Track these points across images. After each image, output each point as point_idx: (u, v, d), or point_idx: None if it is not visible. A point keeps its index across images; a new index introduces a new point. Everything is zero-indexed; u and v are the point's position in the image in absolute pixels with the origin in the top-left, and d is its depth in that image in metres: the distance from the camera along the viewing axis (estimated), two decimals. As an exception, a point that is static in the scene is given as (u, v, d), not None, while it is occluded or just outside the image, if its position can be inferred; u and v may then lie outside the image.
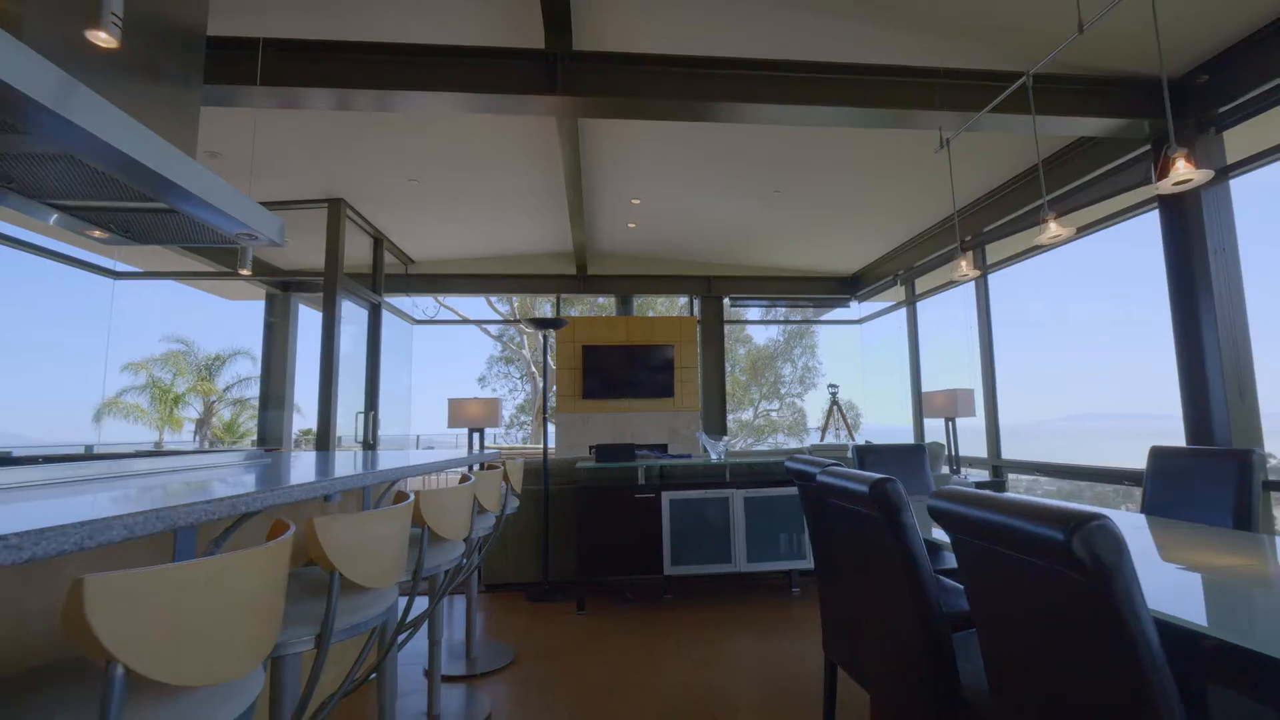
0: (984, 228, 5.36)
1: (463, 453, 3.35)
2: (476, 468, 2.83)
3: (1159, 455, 2.32)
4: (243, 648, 0.80)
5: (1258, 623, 1.08)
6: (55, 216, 1.98)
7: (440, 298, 11.18)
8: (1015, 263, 5.37)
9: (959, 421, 5.12)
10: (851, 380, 17.42)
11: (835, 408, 7.52)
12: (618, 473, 3.86)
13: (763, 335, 18.86)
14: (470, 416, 4.56)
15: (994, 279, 5.57)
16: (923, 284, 6.71)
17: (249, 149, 4.16)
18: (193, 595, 0.72)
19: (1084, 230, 4.37)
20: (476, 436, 4.74)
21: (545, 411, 4.65)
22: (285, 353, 7.24)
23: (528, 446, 14.90)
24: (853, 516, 1.61)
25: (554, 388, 7.06)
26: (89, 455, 1.93)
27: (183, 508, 0.87)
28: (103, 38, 1.28)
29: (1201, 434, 3.42)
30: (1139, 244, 4.12)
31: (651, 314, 15.75)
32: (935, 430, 6.16)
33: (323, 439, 5.19)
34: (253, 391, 15.32)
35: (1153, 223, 3.73)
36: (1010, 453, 5.36)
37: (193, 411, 15.23)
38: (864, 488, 1.42)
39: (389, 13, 3.03)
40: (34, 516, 0.79)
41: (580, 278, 7.48)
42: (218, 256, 6.04)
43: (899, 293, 7.04)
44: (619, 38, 3.17)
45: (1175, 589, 1.25)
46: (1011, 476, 5.42)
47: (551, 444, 6.94)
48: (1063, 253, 4.96)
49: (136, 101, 1.90)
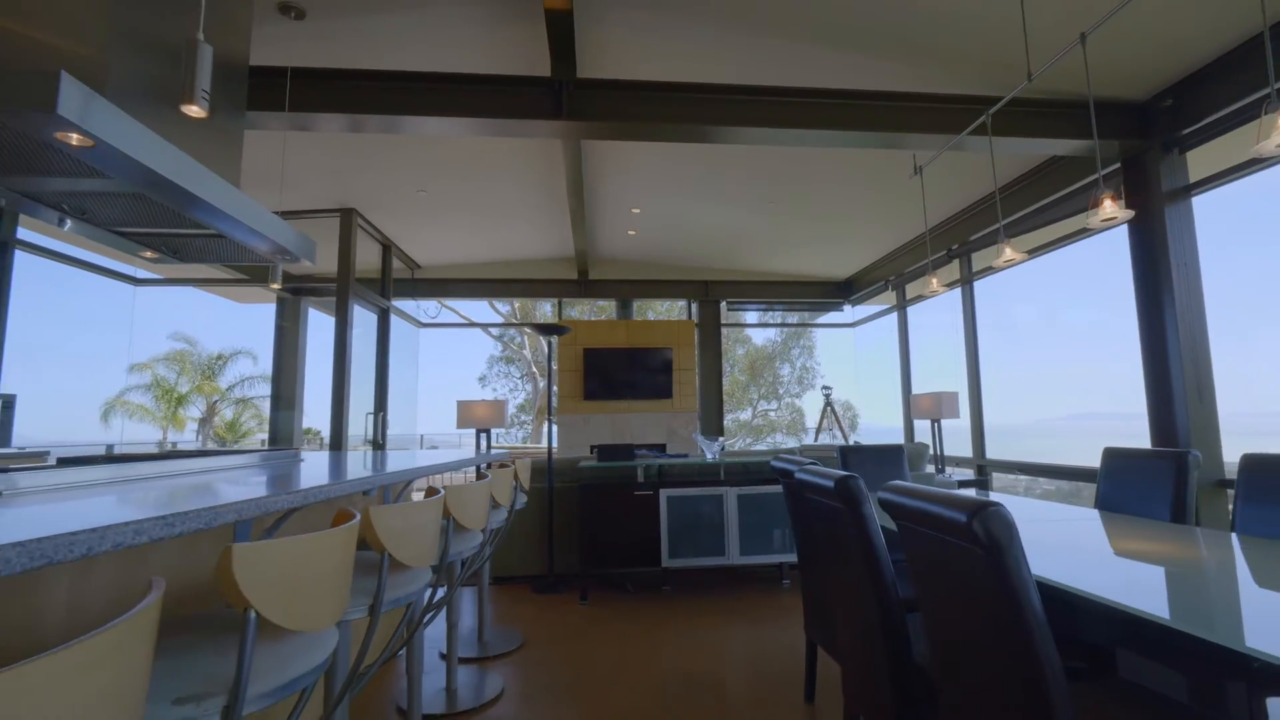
0: (970, 236, 5.59)
1: (465, 452, 3.59)
2: (484, 467, 3.07)
3: (1111, 455, 2.55)
4: (330, 604, 1.03)
5: (1154, 595, 1.30)
6: (114, 239, 2.21)
7: (444, 300, 11.37)
8: (993, 273, 5.59)
9: (950, 422, 5.34)
10: (848, 381, 17.65)
11: (829, 409, 7.75)
12: (618, 471, 4.09)
13: (761, 336, 19.07)
14: (478, 417, 4.79)
15: (989, 283, 5.80)
16: (913, 289, 6.93)
17: (266, 164, 4.38)
18: (300, 562, 0.95)
19: (1062, 241, 4.60)
20: (484, 437, 4.97)
21: (550, 413, 4.88)
22: (295, 355, 7.47)
23: (528, 446, 15.10)
24: (825, 510, 1.84)
25: (554, 388, 7.29)
26: (153, 455, 2.15)
27: (282, 496, 1.10)
28: (195, 110, 1.51)
29: (1165, 434, 3.65)
30: (1123, 253, 4.35)
31: (651, 314, 15.98)
32: (925, 431, 6.39)
33: (336, 439, 5.41)
34: (255, 391, 15.53)
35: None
36: (1005, 452, 5.58)
37: (195, 411, 15.42)
38: (831, 483, 1.65)
39: (406, 43, 3.26)
40: (160, 504, 1.02)
41: (581, 282, 7.71)
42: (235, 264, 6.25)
43: (890, 297, 7.27)
44: (621, 66, 3.40)
45: (1090, 568, 1.48)
46: (1011, 477, 5.63)
47: (554, 443, 7.17)
48: (1056, 259, 5.19)
49: (191, 133, 2.12)
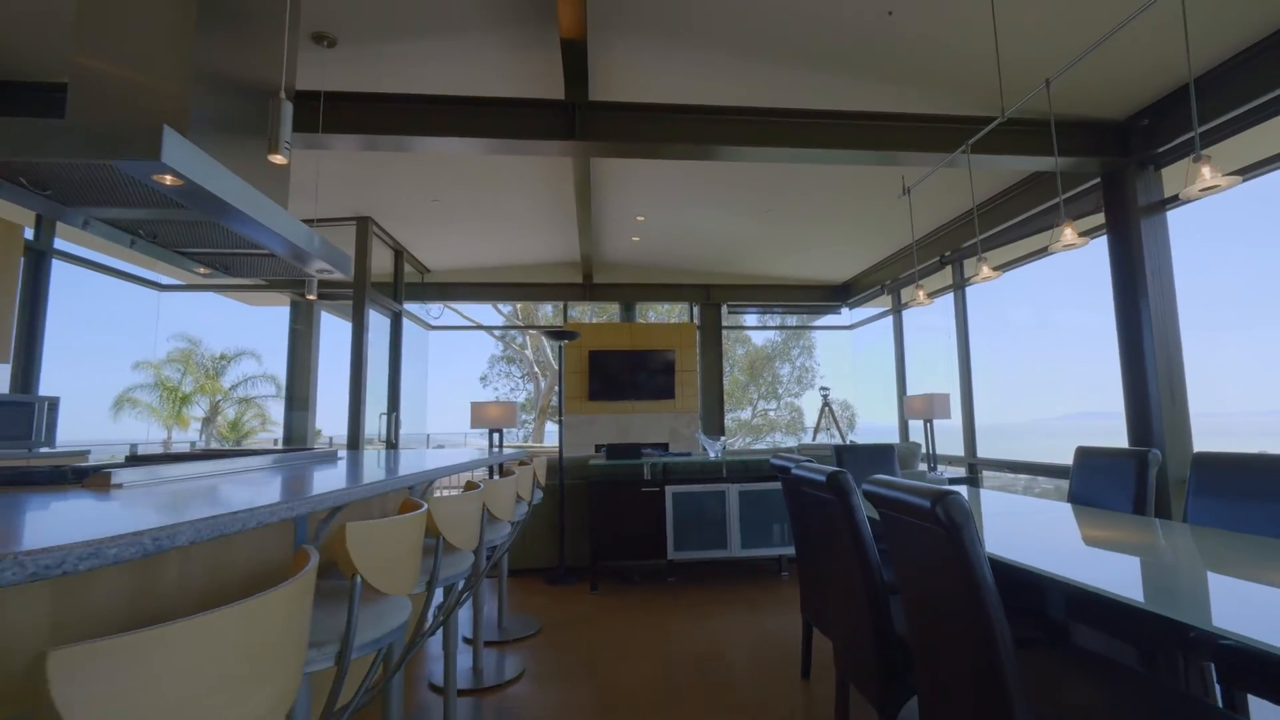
0: (962, 243, 5.82)
1: (470, 451, 3.82)
2: (499, 465, 3.30)
3: (1081, 454, 2.78)
4: (409, 575, 1.26)
5: (1103, 572, 1.53)
6: (174, 258, 2.44)
7: (450, 303, 11.59)
8: (972, 283, 5.82)
9: (946, 422, 5.58)
10: (846, 382, 17.88)
11: (827, 409, 7.99)
12: (626, 469, 4.32)
13: (761, 336, 19.28)
14: (491, 418, 5.02)
15: (985, 287, 6.02)
16: (908, 293, 7.17)
17: (297, 176, 4.61)
18: (392, 540, 1.18)
19: (1032, 257, 4.83)
20: (496, 436, 5.19)
21: (560, 413, 5.11)
22: (309, 356, 7.69)
23: (530, 445, 15.31)
24: (818, 501, 2.07)
25: (557, 387, 7.52)
26: (215, 453, 2.37)
27: (365, 485, 1.33)
28: (279, 158, 1.74)
29: (1140, 434, 3.88)
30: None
31: (653, 315, 16.20)
32: (921, 430, 6.62)
33: (353, 439, 5.65)
34: (258, 390, 15.73)
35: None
36: (1006, 452, 5.79)
37: (199, 410, 15.61)
38: (823, 478, 1.88)
39: (429, 67, 3.48)
40: (283, 492, 1.25)
41: (586, 285, 7.94)
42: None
43: (886, 301, 7.50)
44: (629, 89, 3.63)
45: (1050, 551, 1.71)
46: (1011, 476, 5.85)
47: (556, 442, 7.40)
48: (1050, 263, 5.43)
49: (247, 157, 2.34)
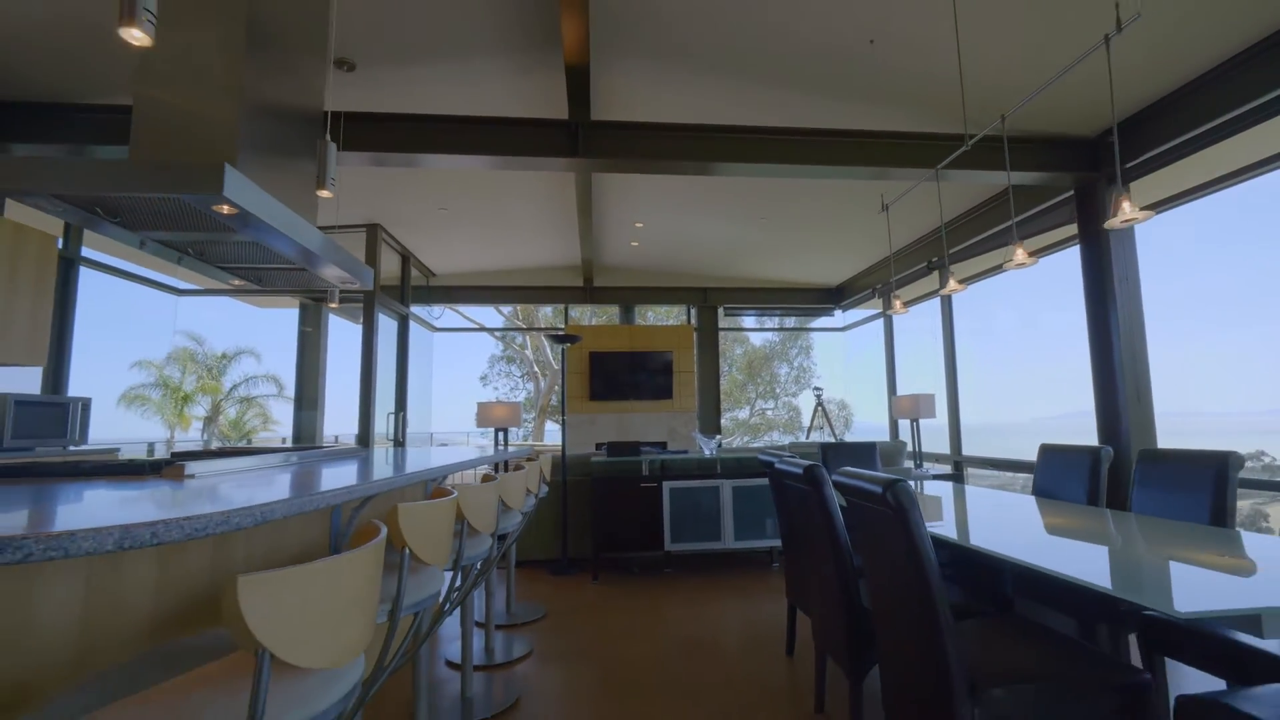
0: (950, 249, 6.06)
1: (475, 450, 4.07)
2: (502, 463, 3.54)
3: (1044, 450, 3.03)
4: (446, 550, 1.50)
5: (1046, 553, 1.76)
6: (216, 272, 2.68)
7: (454, 306, 11.83)
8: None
9: (937, 422, 5.82)
10: (842, 382, 18.12)
11: (820, 408, 8.23)
12: (626, 466, 4.56)
13: (760, 336, 19.51)
14: (496, 417, 5.26)
15: (971, 291, 6.25)
16: (909, 291, 7.41)
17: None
18: (432, 520, 1.42)
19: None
20: (501, 435, 5.43)
21: (563, 413, 5.35)
22: (318, 358, 7.92)
23: (530, 443, 15.50)
24: (798, 492, 2.31)
25: (556, 386, 7.75)
26: (256, 449, 2.60)
27: (408, 474, 1.57)
28: (325, 193, 1.97)
29: (1110, 432, 4.12)
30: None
31: (652, 316, 16.43)
32: (906, 428, 6.86)
33: (363, 437, 5.88)
34: (259, 390, 15.93)
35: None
36: (991, 450, 6.02)
37: (200, 409, 15.80)
38: (800, 470, 2.12)
39: (441, 90, 3.72)
40: (338, 479, 1.49)
41: (587, 288, 8.17)
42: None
43: (878, 304, 7.74)
44: (629, 109, 3.87)
45: (1004, 535, 1.95)
46: (993, 472, 6.08)
47: (558, 440, 7.64)
48: (1036, 269, 5.66)
49: (285, 176, 2.57)
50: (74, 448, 4.16)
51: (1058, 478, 2.90)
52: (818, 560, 2.30)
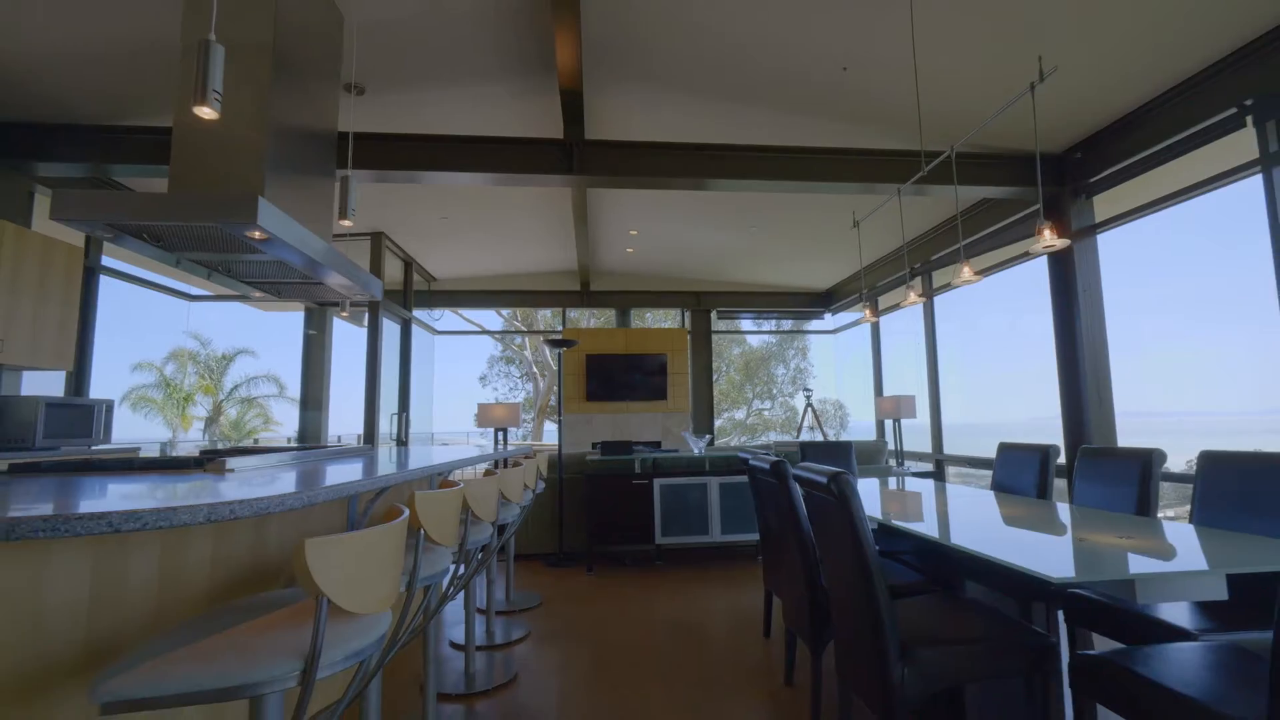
0: (930, 256, 6.31)
1: (475, 448, 4.32)
2: (501, 461, 3.78)
3: (1001, 449, 3.28)
4: (455, 531, 1.75)
5: (981, 535, 2.01)
6: (240, 286, 2.93)
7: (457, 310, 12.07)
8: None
9: (923, 422, 6.09)
10: (837, 383, 18.36)
11: (810, 409, 8.48)
12: (619, 464, 4.81)
13: (757, 338, 19.76)
14: (496, 418, 5.50)
15: (956, 295, 6.52)
16: (884, 301, 7.67)
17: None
18: (442, 504, 1.66)
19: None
20: (501, 435, 5.68)
21: (560, 413, 5.60)
22: (322, 360, 8.16)
23: (528, 443, 15.70)
24: (769, 486, 2.56)
25: (555, 387, 8.00)
26: (277, 448, 2.85)
27: (419, 469, 1.81)
28: (346, 223, 2.22)
29: (1074, 432, 4.38)
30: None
31: (650, 317, 16.68)
32: (904, 428, 7.11)
33: (368, 436, 6.13)
34: (259, 390, 16.15)
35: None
36: (977, 449, 6.24)
37: (201, 410, 16.01)
38: (768, 466, 2.37)
39: (444, 111, 3.97)
40: (361, 473, 1.74)
41: (584, 293, 8.43)
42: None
43: (862, 309, 7.99)
44: (623, 130, 4.12)
45: (955, 525, 2.19)
46: (970, 470, 6.33)
47: (556, 440, 7.89)
48: (1019, 275, 5.91)
49: (305, 193, 2.82)
50: (97, 447, 4.40)
51: (1013, 473, 3.15)
52: (787, 548, 2.55)
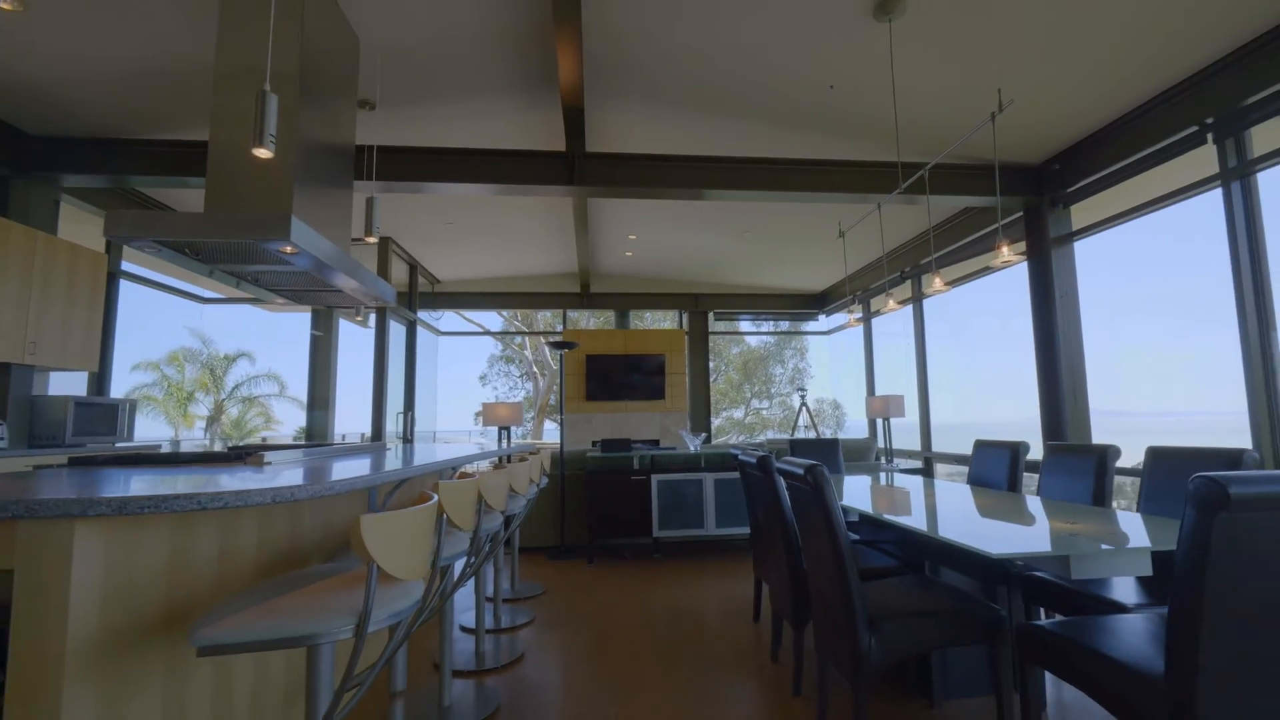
0: (920, 260, 6.52)
1: (475, 446, 4.54)
2: (506, 457, 4.00)
3: (977, 445, 3.49)
4: (472, 517, 1.96)
5: (948, 524, 2.22)
6: (264, 293, 3.13)
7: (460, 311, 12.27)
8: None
9: (914, 421, 6.31)
10: (833, 382, 18.58)
11: (804, 408, 8.70)
12: (618, 461, 5.02)
13: (756, 338, 19.97)
14: (501, 417, 5.71)
15: (946, 298, 6.73)
16: (875, 304, 7.88)
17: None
18: (462, 492, 1.88)
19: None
20: (505, 433, 5.89)
21: (561, 412, 5.81)
22: (329, 360, 8.37)
23: (527, 441, 15.89)
24: (757, 479, 2.77)
25: (555, 386, 8.21)
26: (308, 444, 3.06)
27: (440, 462, 2.03)
28: (371, 239, 2.43)
29: (1052, 429, 4.59)
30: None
31: (649, 317, 16.88)
32: (897, 427, 7.33)
33: (376, 435, 6.35)
34: (259, 390, 16.34)
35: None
36: (967, 448, 6.48)
37: (203, 409, 16.20)
38: (755, 460, 2.58)
39: (451, 125, 4.18)
40: (359, 468, 1.95)
41: (584, 295, 8.64)
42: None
43: (858, 309, 8.20)
44: (622, 142, 4.33)
45: (923, 513, 2.41)
46: (958, 467, 6.55)
47: (556, 439, 8.10)
48: (1008, 279, 6.14)
49: (326, 204, 3.03)
50: (120, 444, 4.61)
51: (987, 469, 3.37)
52: (773, 536, 2.77)
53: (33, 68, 3.49)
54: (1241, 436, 3.58)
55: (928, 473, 6.37)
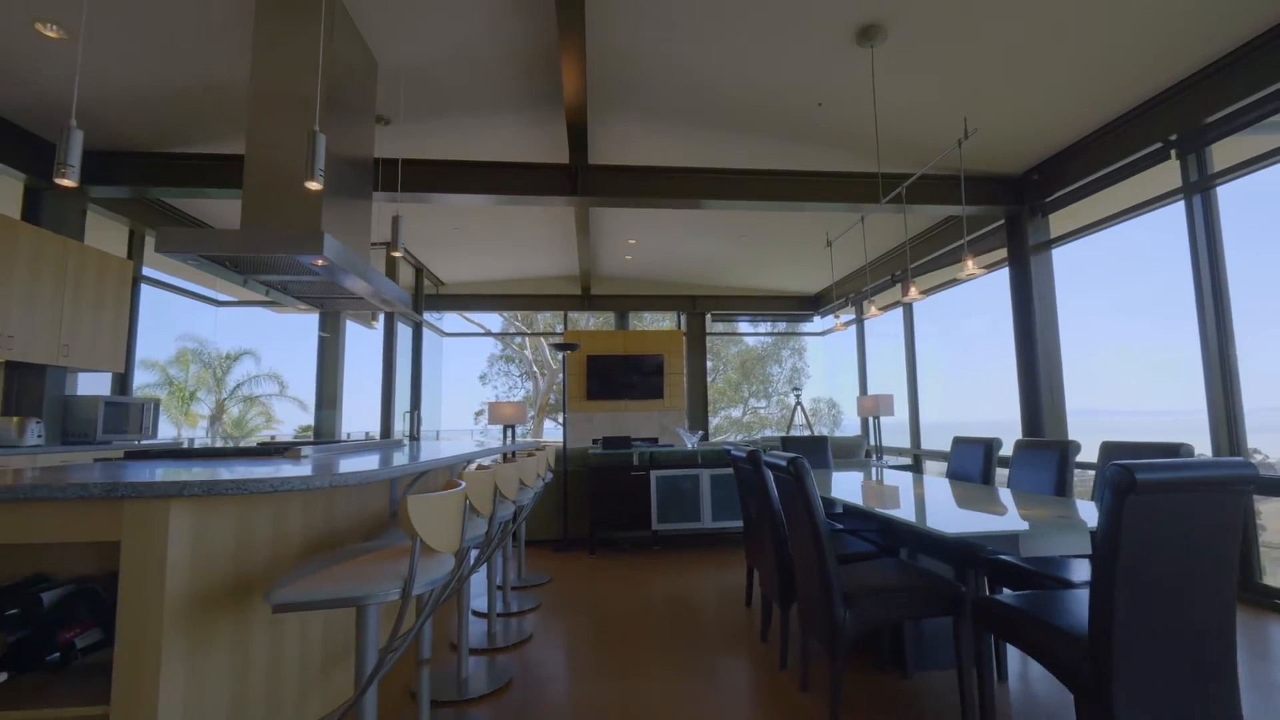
0: (911, 264, 6.76)
1: (473, 444, 4.78)
2: (512, 454, 4.23)
3: (955, 441, 3.73)
4: (490, 504, 2.19)
5: (913, 510, 2.45)
6: (289, 300, 3.36)
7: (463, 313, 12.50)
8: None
9: (904, 420, 6.55)
10: (830, 382, 18.82)
11: (800, 407, 8.94)
12: (619, 457, 5.26)
13: (754, 338, 20.20)
14: (505, 415, 5.95)
15: (938, 300, 6.97)
16: (866, 306, 8.12)
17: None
18: (482, 481, 2.11)
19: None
20: (510, 431, 6.12)
21: (564, 411, 6.05)
22: (336, 361, 8.59)
23: (527, 439, 16.10)
24: (748, 472, 3.01)
25: (555, 385, 8.44)
26: (333, 441, 3.29)
27: (452, 457, 2.26)
28: (398, 253, 2.65)
29: (1031, 426, 4.83)
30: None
31: (648, 316, 17.12)
32: (888, 426, 7.58)
33: (385, 433, 6.58)
34: (260, 389, 16.54)
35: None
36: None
37: (204, 408, 16.40)
38: (745, 455, 2.82)
39: (459, 139, 4.41)
40: (412, 458, 2.19)
41: (584, 297, 8.87)
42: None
43: (851, 311, 8.44)
44: (623, 155, 4.57)
45: (902, 502, 2.64)
46: (944, 464, 6.81)
47: (559, 437, 8.33)
48: (997, 282, 6.37)
49: (347, 215, 3.26)
50: (145, 441, 4.84)
51: (964, 463, 3.60)
52: (763, 525, 3.00)
53: (70, 88, 3.71)
54: (1202, 433, 3.82)
55: (916, 469, 6.60)
